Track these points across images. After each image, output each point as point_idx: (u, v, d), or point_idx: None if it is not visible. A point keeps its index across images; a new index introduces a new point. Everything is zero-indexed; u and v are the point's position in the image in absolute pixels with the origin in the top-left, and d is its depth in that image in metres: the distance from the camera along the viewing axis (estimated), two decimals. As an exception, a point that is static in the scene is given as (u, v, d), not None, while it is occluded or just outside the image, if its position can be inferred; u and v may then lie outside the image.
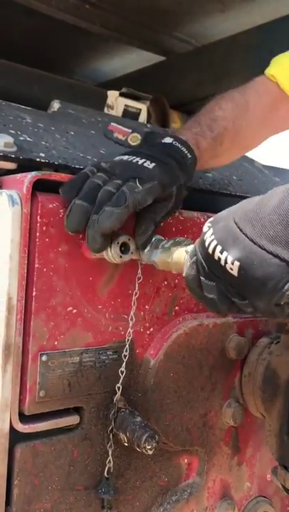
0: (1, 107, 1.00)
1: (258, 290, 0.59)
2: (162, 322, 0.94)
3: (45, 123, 1.03)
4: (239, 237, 0.60)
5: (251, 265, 0.58)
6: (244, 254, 0.59)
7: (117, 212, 0.74)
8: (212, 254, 0.62)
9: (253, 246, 0.59)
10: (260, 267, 0.58)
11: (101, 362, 0.86)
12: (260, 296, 0.60)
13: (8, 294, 0.75)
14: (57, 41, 1.96)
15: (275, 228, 0.57)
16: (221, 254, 0.61)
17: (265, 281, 0.58)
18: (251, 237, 0.59)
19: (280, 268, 0.57)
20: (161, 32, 1.90)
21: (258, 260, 0.58)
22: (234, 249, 0.60)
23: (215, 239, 0.62)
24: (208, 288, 0.65)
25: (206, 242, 0.63)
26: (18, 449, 0.78)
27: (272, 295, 0.59)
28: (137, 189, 0.76)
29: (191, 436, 0.97)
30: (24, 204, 0.77)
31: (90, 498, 0.86)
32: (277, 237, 0.57)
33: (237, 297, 0.64)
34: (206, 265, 0.64)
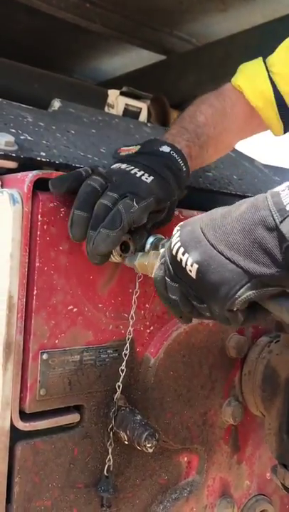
0: (2, 106, 1.00)
1: (212, 294, 0.61)
2: (162, 321, 0.94)
3: (46, 122, 1.03)
4: (201, 241, 0.62)
5: (208, 269, 0.60)
6: (203, 257, 0.61)
7: (112, 236, 0.75)
8: (175, 255, 0.64)
9: (212, 250, 0.60)
10: (216, 272, 0.60)
11: (101, 360, 0.86)
12: (215, 301, 0.62)
13: (9, 293, 0.76)
14: (57, 40, 1.96)
15: (235, 236, 0.59)
16: (182, 256, 0.63)
17: (219, 286, 0.60)
18: (212, 242, 0.61)
19: (235, 274, 0.59)
20: (161, 31, 1.90)
21: (215, 265, 0.60)
22: (194, 252, 0.62)
23: (179, 241, 0.64)
24: (172, 289, 0.67)
25: (172, 244, 0.66)
26: (18, 447, 0.78)
27: (225, 300, 0.60)
28: (133, 208, 0.77)
29: (191, 434, 0.98)
30: (25, 203, 0.77)
31: (90, 496, 0.87)
32: (236, 245, 0.59)
33: (196, 300, 0.65)
34: (171, 267, 0.66)
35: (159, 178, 0.83)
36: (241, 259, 0.58)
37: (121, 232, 0.76)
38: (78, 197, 0.78)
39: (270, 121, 1.08)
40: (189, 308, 0.67)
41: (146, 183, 0.81)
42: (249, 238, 0.58)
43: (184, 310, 0.68)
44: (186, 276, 0.64)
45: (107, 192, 0.78)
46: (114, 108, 1.39)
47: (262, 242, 0.57)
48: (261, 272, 0.57)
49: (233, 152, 1.45)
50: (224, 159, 1.35)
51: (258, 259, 0.57)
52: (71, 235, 0.78)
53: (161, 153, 0.88)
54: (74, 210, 0.78)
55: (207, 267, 0.60)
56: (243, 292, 0.59)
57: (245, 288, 0.59)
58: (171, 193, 0.85)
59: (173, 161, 0.88)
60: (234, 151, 1.47)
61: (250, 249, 0.58)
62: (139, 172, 0.82)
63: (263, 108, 1.06)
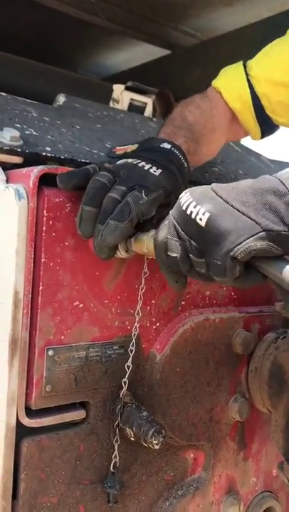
0: (7, 101, 1.00)
1: (220, 240, 0.63)
2: (168, 317, 0.93)
3: (51, 117, 1.02)
4: (215, 197, 0.65)
5: (220, 217, 0.63)
6: (216, 208, 0.64)
7: (121, 227, 0.75)
8: (185, 209, 0.66)
9: (225, 205, 0.64)
10: (228, 220, 0.63)
11: (107, 356, 0.86)
12: (220, 247, 0.64)
13: (15, 289, 0.75)
14: (61, 35, 1.95)
15: (248, 197, 0.63)
16: (194, 208, 0.65)
17: (229, 233, 0.63)
18: (226, 199, 0.64)
19: (246, 224, 0.62)
20: (166, 25, 1.89)
21: (228, 214, 0.63)
22: (208, 204, 0.65)
23: (191, 197, 0.66)
24: (173, 247, 0.69)
25: (181, 201, 0.67)
26: (24, 443, 0.78)
27: (232, 246, 0.62)
28: (142, 200, 0.77)
29: (197, 431, 0.97)
30: (31, 198, 0.76)
31: (96, 493, 0.87)
32: (249, 203, 0.63)
33: (196, 254, 0.67)
34: (177, 222, 0.68)
35: (166, 171, 0.83)
36: (253, 214, 0.62)
37: (130, 224, 0.76)
38: (87, 192, 0.78)
39: (247, 124, 1.09)
40: (188, 266, 0.69)
41: (154, 175, 0.81)
42: (261, 201, 0.62)
43: (182, 268, 0.69)
44: (193, 226, 0.65)
45: (116, 186, 0.78)
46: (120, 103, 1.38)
47: (272, 205, 0.62)
48: (271, 227, 0.61)
49: (239, 147, 1.44)
50: (230, 154, 1.34)
51: (268, 217, 0.62)
52: (80, 232, 0.78)
53: (163, 149, 0.88)
54: (83, 206, 0.77)
55: (219, 216, 0.63)
56: (252, 241, 0.61)
57: (254, 238, 0.61)
58: (178, 186, 0.84)
59: (175, 157, 0.88)
60: (241, 146, 1.46)
61: (262, 208, 0.62)
62: (146, 165, 0.82)
63: (241, 111, 1.07)
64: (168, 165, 0.84)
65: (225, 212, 0.63)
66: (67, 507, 0.84)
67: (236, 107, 1.06)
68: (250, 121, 1.08)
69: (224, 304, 1.02)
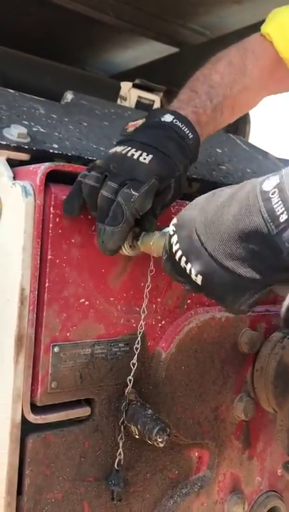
0: (15, 98, 1.00)
1: (220, 300, 0.65)
2: (174, 315, 0.93)
3: (59, 114, 1.02)
4: (201, 253, 0.63)
5: (212, 279, 0.63)
6: (205, 270, 0.63)
7: (118, 231, 0.75)
8: (178, 262, 0.66)
9: (212, 263, 0.62)
10: (220, 282, 0.62)
11: (113, 354, 0.86)
12: (223, 302, 0.65)
13: (21, 285, 0.75)
14: (69, 32, 1.95)
15: (232, 246, 0.60)
16: (186, 264, 0.65)
17: (225, 293, 0.63)
18: (212, 254, 0.62)
19: (238, 283, 0.61)
20: (175, 23, 1.88)
21: (218, 275, 0.62)
22: (197, 264, 0.63)
23: (180, 249, 0.65)
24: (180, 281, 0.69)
25: (172, 248, 0.66)
26: (29, 439, 0.78)
27: (232, 306, 0.64)
28: (133, 198, 0.75)
29: (202, 429, 0.97)
30: (37, 195, 0.76)
31: (100, 490, 0.87)
32: (234, 255, 0.60)
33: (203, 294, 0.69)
34: (174, 269, 0.68)
35: (159, 155, 0.79)
36: (242, 268, 0.60)
37: (126, 225, 0.75)
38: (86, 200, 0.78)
39: None
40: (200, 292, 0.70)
41: (144, 164, 0.78)
42: (246, 248, 0.59)
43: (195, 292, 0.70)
44: (191, 281, 0.66)
45: (107, 181, 0.77)
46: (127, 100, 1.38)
47: (259, 252, 0.58)
48: (261, 277, 0.60)
49: (247, 146, 1.43)
50: (238, 152, 1.34)
51: (255, 267, 0.59)
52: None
53: (163, 124, 0.84)
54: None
55: (210, 279, 0.63)
56: (248, 297, 0.63)
57: (249, 293, 0.62)
58: (174, 168, 0.81)
59: (176, 130, 0.84)
60: (248, 144, 1.45)
61: (249, 258, 0.59)
62: (136, 153, 0.79)
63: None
64: (163, 145, 0.81)
65: (215, 274, 0.62)
66: (72, 503, 0.84)
67: (287, 56, 0.97)
68: None
69: (230, 303, 1.02)
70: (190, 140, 0.85)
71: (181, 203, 0.93)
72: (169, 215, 0.90)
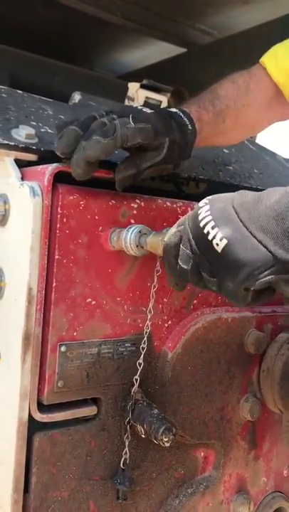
0: (23, 99, 1.00)
1: (234, 271, 0.63)
2: (180, 315, 0.94)
3: (67, 114, 1.03)
4: (234, 220, 0.63)
5: (237, 246, 0.62)
6: (234, 234, 0.62)
7: (104, 143, 0.75)
8: (203, 227, 0.65)
9: (244, 230, 0.62)
10: (244, 250, 0.61)
11: (119, 354, 0.86)
12: (234, 278, 0.63)
13: (29, 285, 0.76)
14: (77, 33, 1.96)
15: (269, 221, 0.61)
16: (211, 229, 0.64)
17: (244, 265, 0.62)
18: (245, 223, 0.62)
19: (263, 257, 0.61)
20: (183, 23, 1.88)
21: (245, 243, 0.62)
22: (226, 228, 0.63)
23: (210, 215, 0.65)
24: (184, 258, 0.68)
25: (199, 215, 0.66)
26: (36, 438, 0.79)
27: (247, 279, 0.62)
28: (129, 125, 0.77)
29: (208, 429, 0.97)
30: (45, 196, 0.77)
31: (106, 489, 0.87)
32: (269, 230, 0.61)
33: (207, 273, 0.67)
34: (192, 237, 0.67)
35: (160, 114, 0.83)
36: (271, 244, 0.60)
37: (112, 142, 0.75)
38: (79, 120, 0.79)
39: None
40: (197, 279, 0.69)
41: (145, 112, 0.81)
42: (282, 226, 0.60)
43: (191, 279, 0.69)
44: (209, 249, 0.64)
45: (109, 113, 0.80)
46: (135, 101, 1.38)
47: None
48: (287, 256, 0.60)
49: (254, 146, 1.43)
50: (245, 153, 1.34)
51: (284, 245, 0.60)
52: (56, 147, 0.78)
53: (167, 110, 0.89)
54: (69, 126, 0.78)
55: (236, 244, 0.62)
56: (267, 275, 0.61)
57: (269, 271, 0.61)
58: (170, 129, 0.83)
59: (177, 116, 0.87)
60: (255, 144, 1.45)
61: (282, 237, 0.60)
62: (140, 106, 0.83)
63: (285, 84, 1.04)
64: (164, 113, 0.85)
65: (242, 241, 0.62)
66: (78, 502, 0.84)
67: (280, 81, 1.04)
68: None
69: (237, 303, 1.02)
70: (188, 129, 0.88)
71: (188, 203, 0.93)
72: (175, 216, 0.90)
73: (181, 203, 0.92)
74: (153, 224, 0.86)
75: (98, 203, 0.82)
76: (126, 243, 0.80)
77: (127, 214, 0.85)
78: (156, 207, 0.89)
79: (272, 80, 1.05)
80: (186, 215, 0.71)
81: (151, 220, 0.87)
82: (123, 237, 0.81)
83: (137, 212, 0.86)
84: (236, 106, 1.00)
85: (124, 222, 0.85)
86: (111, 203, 0.84)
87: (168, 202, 0.91)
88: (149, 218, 0.87)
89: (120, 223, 0.84)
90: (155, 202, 0.89)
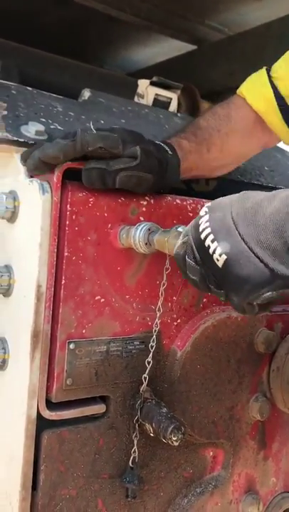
0: (33, 96, 1.00)
1: (236, 287, 0.63)
2: (190, 314, 0.93)
3: (76, 111, 1.02)
4: (232, 233, 0.62)
5: (237, 262, 0.61)
6: (233, 250, 0.61)
7: (63, 144, 0.76)
8: (203, 240, 0.64)
9: (243, 245, 0.61)
10: (244, 267, 0.61)
11: (128, 352, 0.86)
12: (237, 293, 0.63)
13: (38, 282, 0.76)
14: (87, 30, 1.96)
15: (267, 235, 0.60)
16: (211, 243, 0.63)
17: (245, 281, 0.61)
18: (243, 237, 0.61)
19: (262, 273, 0.60)
20: (193, 20, 1.87)
21: (243, 260, 0.61)
22: (224, 243, 0.62)
23: (209, 227, 0.64)
24: (191, 270, 0.68)
25: (200, 227, 0.65)
26: (44, 435, 0.79)
27: (248, 295, 0.62)
28: (90, 131, 0.77)
29: (217, 429, 0.97)
30: (54, 193, 0.77)
31: (114, 487, 0.87)
32: (268, 245, 0.60)
33: (214, 285, 0.66)
34: (196, 248, 0.66)
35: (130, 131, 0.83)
36: (271, 260, 0.60)
37: (72, 144, 0.76)
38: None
39: (274, 126, 1.06)
40: (206, 290, 0.68)
41: (115, 128, 0.82)
42: (281, 240, 0.59)
43: (202, 289, 0.69)
44: (211, 262, 0.64)
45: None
46: (144, 98, 1.37)
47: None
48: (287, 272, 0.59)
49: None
50: (256, 150, 1.32)
51: (284, 260, 0.59)
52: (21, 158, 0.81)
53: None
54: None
55: (235, 260, 0.61)
56: (267, 291, 0.61)
57: (270, 287, 0.61)
58: (140, 139, 0.84)
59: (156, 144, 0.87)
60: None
61: (281, 251, 0.59)
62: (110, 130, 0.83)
63: (265, 111, 1.05)
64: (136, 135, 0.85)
65: (242, 257, 0.61)
66: (86, 500, 0.84)
67: (260, 108, 1.05)
68: (277, 123, 1.05)
69: (247, 302, 1.01)
70: (168, 154, 0.87)
71: (198, 201, 0.92)
72: (185, 214, 0.90)
73: (191, 201, 0.92)
74: (162, 221, 0.86)
75: (107, 200, 0.82)
76: (135, 241, 0.80)
77: (136, 211, 0.85)
78: (165, 204, 0.88)
79: (252, 108, 1.05)
80: (190, 224, 0.70)
81: (160, 218, 0.86)
82: (132, 235, 0.80)
83: (146, 210, 0.86)
84: (220, 135, 1.00)
85: (133, 219, 0.84)
86: (120, 200, 0.83)
87: (177, 199, 0.90)
88: (159, 216, 0.87)
89: (129, 220, 0.84)
90: (165, 199, 0.89)
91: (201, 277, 0.67)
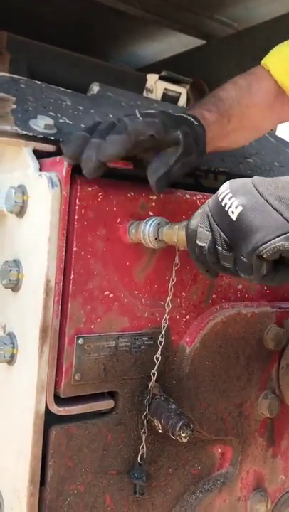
0: (42, 90, 0.99)
1: (248, 236, 0.62)
2: (199, 310, 0.92)
3: (85, 105, 1.02)
4: (251, 191, 0.63)
5: (252, 212, 0.62)
6: (250, 202, 0.62)
7: (121, 140, 0.75)
8: (221, 200, 0.65)
9: (260, 198, 0.62)
10: (259, 216, 0.61)
11: (136, 347, 0.85)
12: (248, 243, 0.62)
13: (47, 277, 0.75)
14: (96, 24, 1.95)
15: (286, 192, 0.61)
16: (229, 200, 0.64)
17: (258, 229, 0.61)
18: (262, 193, 0.62)
19: (276, 221, 0.60)
20: (202, 15, 1.86)
21: (260, 209, 0.61)
22: (242, 197, 0.63)
23: (228, 188, 0.65)
24: (202, 235, 0.68)
25: (219, 191, 0.66)
26: (53, 430, 0.79)
27: (259, 243, 0.61)
28: (137, 119, 0.77)
29: (226, 426, 0.96)
30: (63, 187, 0.76)
31: (122, 483, 0.86)
32: (285, 199, 0.61)
33: (224, 247, 0.66)
34: (210, 212, 0.67)
35: (166, 113, 0.83)
36: (286, 212, 0.60)
37: (128, 137, 0.75)
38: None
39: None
40: (214, 258, 0.68)
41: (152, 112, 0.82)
42: None
43: (209, 259, 0.68)
44: (225, 218, 0.64)
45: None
46: (153, 93, 1.37)
47: None
48: None
49: (274, 138, 1.40)
50: (265, 145, 1.31)
51: None
52: (64, 152, 0.77)
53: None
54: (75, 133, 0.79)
55: (251, 210, 0.62)
56: (280, 240, 0.60)
57: (283, 237, 0.60)
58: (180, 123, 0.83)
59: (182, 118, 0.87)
60: (276, 137, 1.43)
61: None
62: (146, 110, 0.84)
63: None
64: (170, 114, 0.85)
65: (257, 208, 0.62)
66: (94, 495, 0.84)
67: (285, 83, 1.02)
68: None
69: (256, 299, 1.00)
70: (196, 126, 0.87)
71: (207, 196, 0.92)
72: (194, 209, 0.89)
73: (201, 196, 0.91)
74: (172, 216, 0.85)
75: (116, 195, 0.81)
76: (144, 236, 0.79)
77: (145, 206, 0.84)
78: (175, 199, 0.88)
79: (274, 81, 1.03)
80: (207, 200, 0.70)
81: (170, 213, 0.86)
82: (141, 230, 0.80)
83: (155, 205, 0.85)
84: (240, 106, 0.99)
85: (142, 214, 0.84)
86: (129, 194, 0.83)
87: (187, 194, 0.89)
88: (168, 211, 0.86)
89: (139, 215, 0.83)
90: (174, 194, 0.88)
91: (210, 243, 0.67)
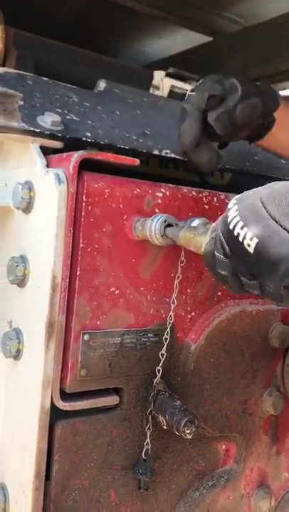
0: (48, 86, 1.00)
1: (270, 270, 0.59)
2: (204, 307, 0.92)
3: (92, 102, 1.02)
4: (262, 215, 0.59)
5: (269, 244, 0.58)
6: (264, 232, 0.58)
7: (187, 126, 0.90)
8: (232, 229, 0.62)
9: (274, 225, 0.58)
10: (277, 247, 0.58)
11: (142, 344, 0.85)
12: (271, 277, 0.59)
13: (53, 273, 0.76)
14: (103, 21, 1.94)
15: None
16: (241, 230, 0.60)
17: (279, 261, 0.58)
18: (274, 217, 0.58)
19: None
20: (209, 12, 1.85)
21: (276, 239, 0.58)
22: (255, 227, 0.59)
23: (238, 215, 0.61)
24: (221, 264, 0.65)
25: (228, 218, 0.63)
26: (58, 425, 0.79)
27: (285, 276, 0.58)
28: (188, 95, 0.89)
29: (230, 422, 0.96)
30: (70, 183, 0.76)
31: (127, 478, 0.87)
32: None
33: (247, 276, 0.63)
34: (225, 240, 0.64)
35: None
36: None
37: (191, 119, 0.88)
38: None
39: None
40: (238, 285, 0.65)
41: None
42: None
43: (232, 285, 0.66)
44: (241, 251, 0.61)
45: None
46: (160, 89, 1.36)
47: None
48: None
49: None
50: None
51: None
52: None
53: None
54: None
55: (268, 241, 0.58)
56: None
57: None
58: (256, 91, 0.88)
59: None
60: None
61: None
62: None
63: None
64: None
65: (274, 237, 0.58)
66: (99, 490, 0.84)
67: None
68: None
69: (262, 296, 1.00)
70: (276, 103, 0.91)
71: (214, 193, 0.92)
72: (200, 206, 0.89)
73: (207, 193, 0.91)
74: (178, 213, 0.85)
75: (123, 191, 0.81)
76: (150, 233, 0.79)
77: (151, 203, 0.84)
78: (181, 196, 0.88)
79: None
80: (218, 219, 0.68)
81: (176, 210, 0.86)
82: (148, 227, 0.80)
83: (161, 202, 0.85)
84: None
85: (148, 211, 0.84)
86: (136, 191, 0.83)
87: (193, 191, 0.89)
88: (174, 208, 0.86)
89: (145, 212, 0.83)
90: (180, 191, 0.88)
91: (231, 272, 0.64)
